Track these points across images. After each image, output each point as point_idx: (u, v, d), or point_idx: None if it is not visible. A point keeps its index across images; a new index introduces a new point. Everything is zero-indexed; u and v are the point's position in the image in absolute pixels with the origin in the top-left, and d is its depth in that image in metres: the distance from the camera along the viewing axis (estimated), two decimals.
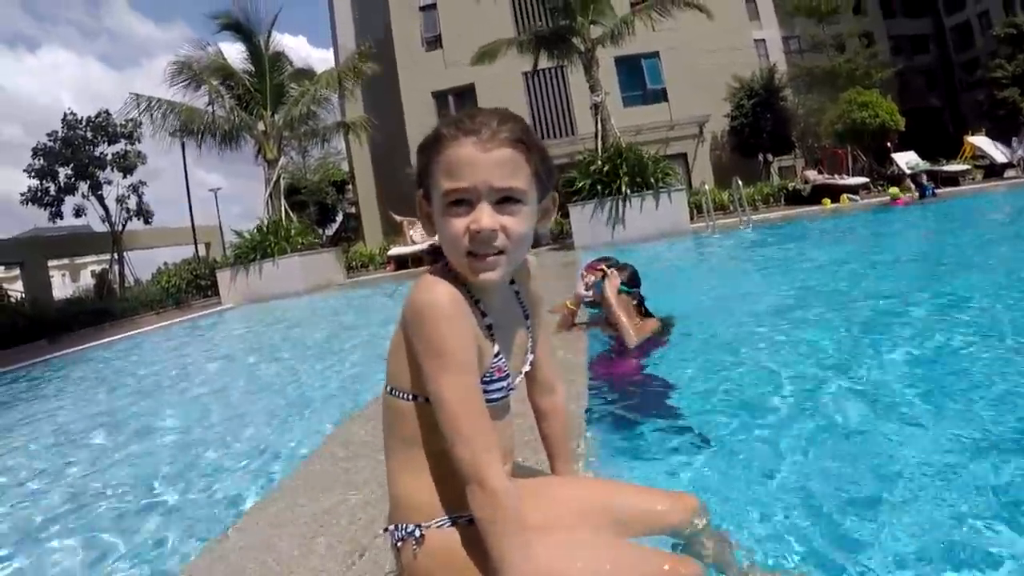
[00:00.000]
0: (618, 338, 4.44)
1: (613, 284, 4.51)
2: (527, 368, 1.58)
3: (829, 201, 18.42)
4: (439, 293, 1.28)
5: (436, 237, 1.37)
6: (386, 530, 1.44)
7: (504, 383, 1.42)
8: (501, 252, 1.30)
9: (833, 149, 26.51)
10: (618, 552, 1.39)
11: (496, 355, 1.40)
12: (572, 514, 1.46)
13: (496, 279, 1.33)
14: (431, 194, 1.35)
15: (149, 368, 9.11)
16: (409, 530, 1.37)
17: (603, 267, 4.81)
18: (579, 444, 2.62)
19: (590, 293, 4.68)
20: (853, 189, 19.74)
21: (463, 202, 1.28)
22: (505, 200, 1.29)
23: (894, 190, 16.71)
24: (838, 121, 28.17)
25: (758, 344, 4.40)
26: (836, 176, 21.63)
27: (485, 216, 1.26)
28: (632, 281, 4.63)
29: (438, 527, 1.36)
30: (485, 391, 1.34)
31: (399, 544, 1.39)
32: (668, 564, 1.40)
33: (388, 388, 1.41)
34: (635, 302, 4.61)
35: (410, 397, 1.36)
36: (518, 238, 1.31)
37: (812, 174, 21.61)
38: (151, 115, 19.13)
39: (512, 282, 1.54)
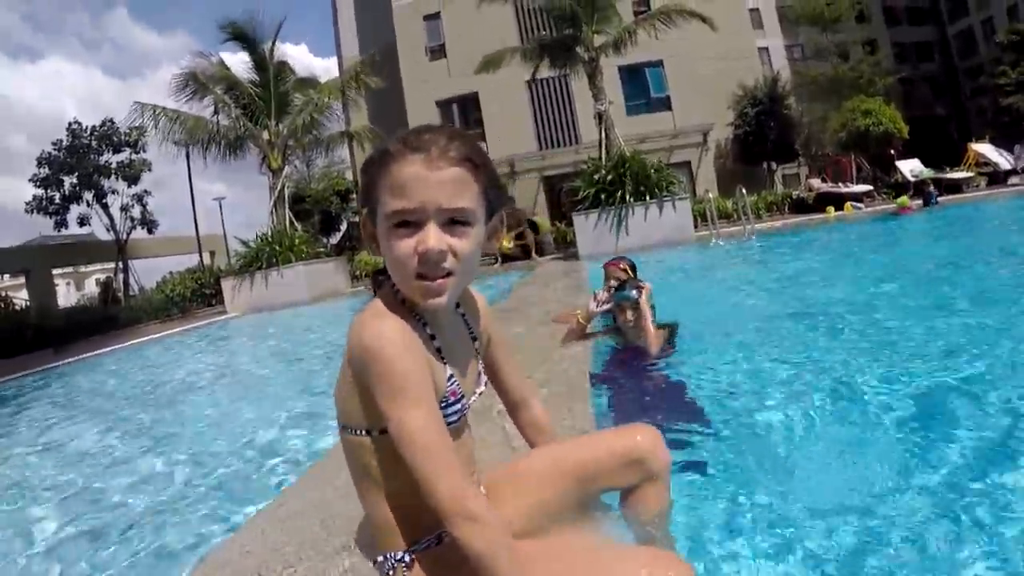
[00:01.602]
0: (628, 347, 4.47)
1: (647, 291, 4.55)
2: (480, 389, 1.55)
3: (833, 209, 18.36)
4: (386, 328, 1.25)
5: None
6: (375, 562, 1.43)
7: (459, 405, 1.39)
8: (450, 274, 1.28)
9: (837, 157, 26.54)
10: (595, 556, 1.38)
11: (449, 378, 1.38)
12: (540, 487, 1.52)
13: (444, 303, 1.31)
14: (376, 213, 1.31)
15: (154, 377, 9.10)
16: (398, 557, 1.37)
17: (629, 270, 4.83)
18: None
19: (606, 307, 4.68)
20: (857, 197, 19.69)
21: (409, 223, 1.25)
22: (453, 221, 1.26)
23: (903, 199, 16.63)
24: (842, 129, 28.25)
25: (760, 353, 4.40)
26: (840, 184, 21.61)
27: (432, 237, 1.23)
28: (633, 271, 4.66)
29: (424, 549, 1.38)
30: (443, 415, 1.31)
31: (390, 573, 1.39)
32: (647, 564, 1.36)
33: (341, 426, 1.39)
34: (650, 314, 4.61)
35: (364, 432, 1.34)
36: (466, 259, 1.29)
37: (816, 182, 21.59)
38: (156, 124, 19.16)
39: (457, 306, 1.51)
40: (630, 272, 5.12)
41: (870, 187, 21.70)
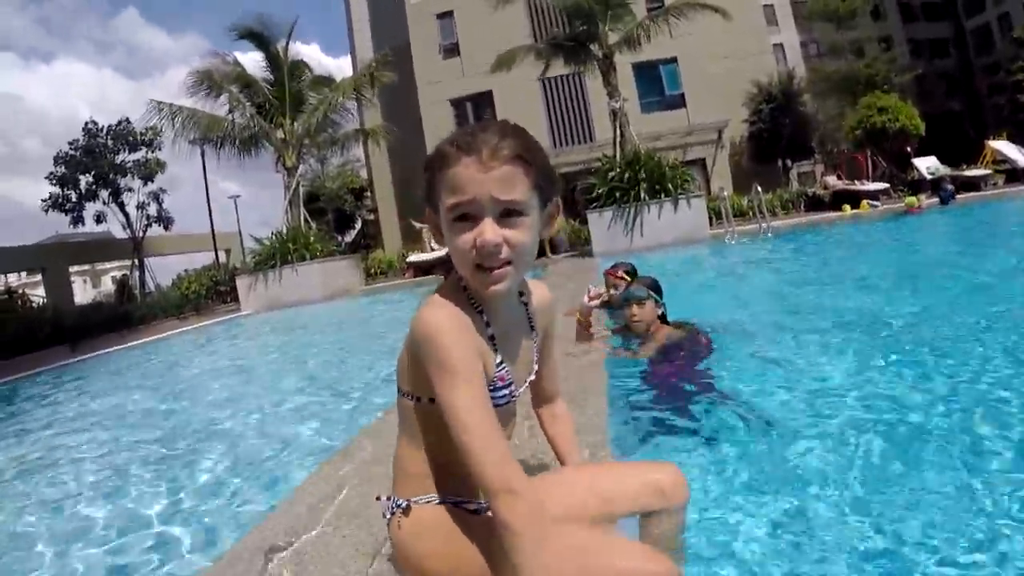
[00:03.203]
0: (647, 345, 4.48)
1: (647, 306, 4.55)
2: (532, 378, 1.69)
3: (849, 207, 18.25)
4: (441, 315, 1.39)
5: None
6: (379, 498, 1.59)
7: (507, 390, 1.52)
8: (508, 263, 1.38)
9: (853, 154, 26.32)
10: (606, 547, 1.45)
11: (499, 364, 1.51)
12: (562, 504, 1.52)
13: (504, 290, 1.41)
14: (439, 209, 1.42)
15: (171, 373, 9.21)
16: (399, 502, 1.53)
17: (627, 276, 4.81)
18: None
19: (596, 303, 4.66)
20: (873, 195, 19.57)
21: (467, 216, 1.36)
22: (508, 213, 1.36)
23: (911, 199, 16.49)
24: (857, 126, 28.01)
25: (778, 353, 4.39)
26: (856, 182, 21.49)
27: (488, 230, 1.34)
28: (656, 290, 4.63)
29: (426, 503, 1.52)
30: (491, 398, 1.42)
31: (388, 513, 1.55)
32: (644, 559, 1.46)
33: (398, 389, 1.57)
34: (660, 311, 4.61)
35: (413, 398, 1.52)
36: (522, 249, 1.39)
37: (832, 180, 21.48)
38: (171, 122, 19.26)
39: (521, 294, 1.65)
40: (627, 278, 5.09)
41: (886, 185, 21.55)
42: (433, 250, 20.27)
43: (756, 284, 8.77)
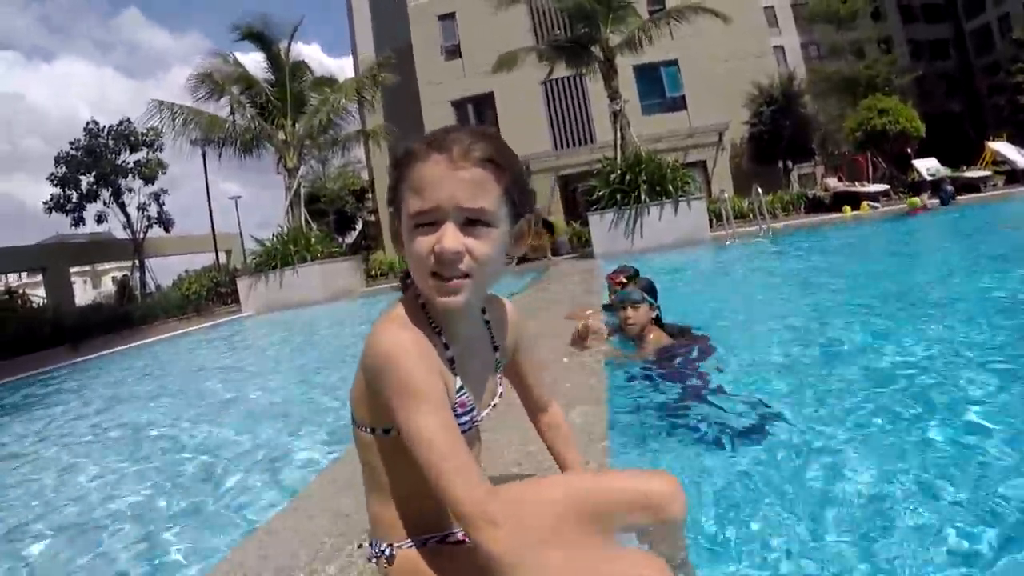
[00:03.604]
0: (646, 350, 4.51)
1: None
2: (495, 400, 1.54)
3: (850, 208, 18.29)
4: (399, 336, 1.26)
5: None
6: (360, 546, 1.54)
7: (468, 417, 1.39)
8: (466, 276, 1.25)
9: (853, 156, 26.42)
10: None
11: (459, 389, 1.37)
12: (554, 514, 1.48)
13: (459, 304, 1.28)
14: (400, 212, 1.30)
15: (167, 374, 9.28)
16: (382, 548, 1.41)
17: (625, 280, 4.83)
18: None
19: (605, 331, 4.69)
20: (874, 196, 19.61)
21: (429, 223, 1.24)
22: (473, 222, 1.24)
23: (914, 199, 16.51)
24: (858, 128, 28.04)
25: (777, 355, 4.43)
26: (856, 183, 21.55)
27: (449, 237, 1.22)
28: (652, 292, 4.65)
29: (408, 547, 1.40)
30: None
31: (374, 560, 1.44)
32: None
33: (353, 420, 1.42)
34: (655, 314, 4.63)
35: (369, 430, 1.37)
36: (485, 261, 1.26)
37: (832, 181, 21.55)
38: (172, 122, 19.28)
39: (484, 311, 1.52)
40: (624, 281, 5.09)
41: (887, 186, 21.61)
42: None
43: (755, 286, 8.81)
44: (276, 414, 5.26)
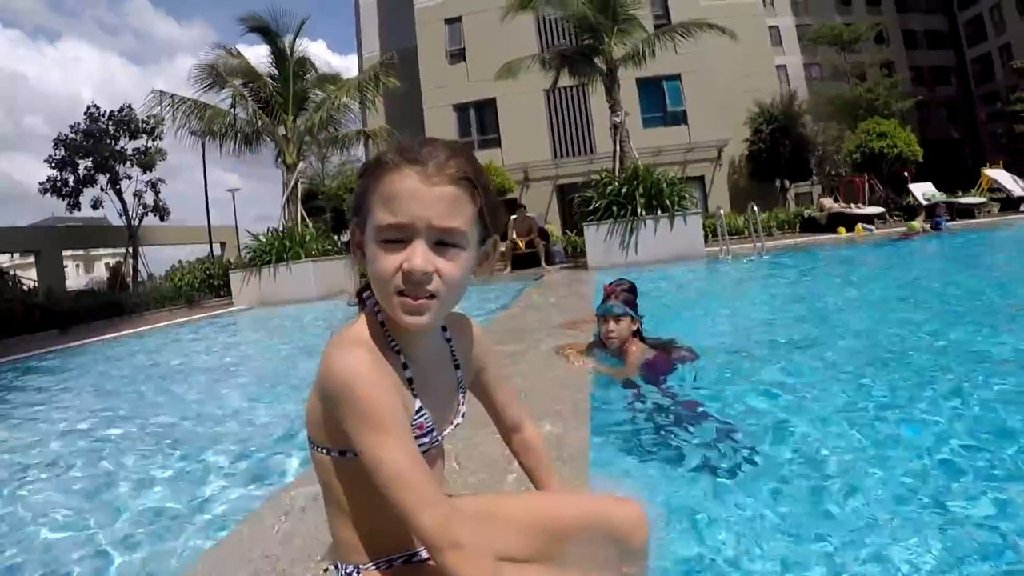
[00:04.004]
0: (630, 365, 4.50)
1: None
2: (458, 420, 1.51)
3: (844, 230, 18.37)
4: (356, 359, 1.21)
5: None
6: (326, 570, 1.49)
7: (427, 438, 1.36)
8: (433, 296, 1.22)
9: (850, 178, 26.46)
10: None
11: (418, 411, 1.34)
12: (507, 533, 1.48)
13: (424, 324, 1.25)
14: (365, 223, 1.27)
15: (153, 365, 9.23)
16: (348, 571, 1.37)
17: (617, 292, 4.82)
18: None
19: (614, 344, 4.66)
20: (869, 219, 19.67)
21: (398, 240, 1.21)
22: (443, 242, 1.22)
23: (915, 224, 16.50)
24: (856, 149, 28.21)
25: (763, 373, 4.46)
26: (852, 205, 21.59)
27: (419, 256, 1.19)
28: (633, 304, 4.63)
29: (375, 569, 1.36)
30: None
31: None
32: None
33: (309, 440, 1.37)
34: (636, 327, 4.61)
35: (327, 451, 1.32)
36: (453, 283, 1.24)
37: (828, 202, 21.56)
38: (174, 113, 19.23)
39: (444, 329, 1.49)
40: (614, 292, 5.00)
41: (882, 209, 21.68)
42: None
43: (747, 303, 8.80)
44: (245, 417, 5.20)
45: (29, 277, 27.87)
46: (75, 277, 59.13)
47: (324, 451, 1.32)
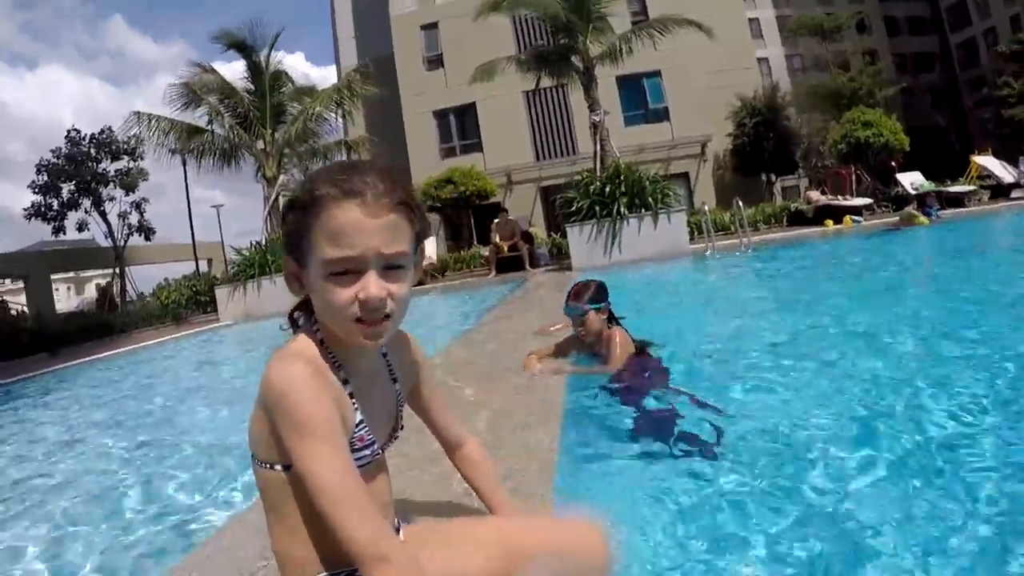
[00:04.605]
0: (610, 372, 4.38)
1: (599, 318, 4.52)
2: (399, 433, 1.56)
3: (832, 222, 18.17)
4: (295, 370, 1.25)
5: (312, 295, 1.35)
6: None
7: (368, 451, 1.39)
8: (388, 316, 1.29)
9: (836, 169, 26.37)
10: None
11: (359, 423, 1.37)
12: (474, 559, 1.44)
13: (382, 342, 1.33)
14: (307, 257, 1.30)
15: (140, 383, 9.39)
16: None
17: (579, 293, 4.68)
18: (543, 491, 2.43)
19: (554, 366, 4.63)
20: (857, 210, 19.48)
21: (348, 272, 1.24)
22: (391, 266, 1.27)
23: (923, 219, 16.01)
24: (841, 140, 28.05)
25: (750, 371, 4.30)
26: (839, 197, 21.44)
27: (373, 285, 1.24)
28: (599, 295, 4.56)
29: None
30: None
31: None
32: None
33: (252, 457, 1.37)
34: (604, 316, 4.56)
35: (270, 466, 1.32)
36: (404, 302, 1.31)
37: (815, 194, 21.37)
38: (152, 133, 19.32)
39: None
40: (576, 294, 4.72)
41: (870, 200, 21.50)
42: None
43: (731, 299, 8.68)
44: (220, 432, 5.10)
45: (18, 302, 27.97)
46: (67, 299, 59.21)
47: (267, 466, 1.32)
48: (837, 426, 3.07)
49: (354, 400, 1.37)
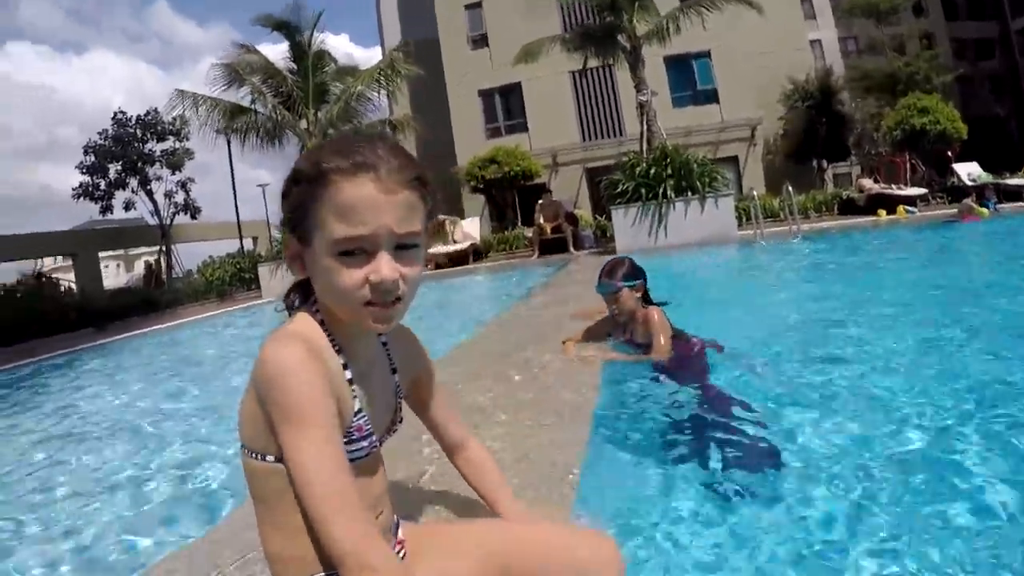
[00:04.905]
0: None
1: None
2: (397, 426, 1.47)
3: (885, 212, 17.61)
4: (291, 352, 1.14)
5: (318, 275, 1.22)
6: None
7: (366, 442, 1.28)
8: (399, 299, 1.20)
9: (890, 157, 25.63)
10: None
11: (357, 412, 1.27)
12: (475, 566, 1.36)
13: (392, 326, 1.25)
14: (311, 235, 1.18)
15: (181, 356, 9.82)
16: None
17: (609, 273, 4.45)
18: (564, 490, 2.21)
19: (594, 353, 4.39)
20: (911, 200, 18.84)
21: (357, 251, 1.15)
22: (403, 246, 1.18)
23: (984, 211, 15.30)
24: (896, 127, 27.20)
25: (798, 368, 4.00)
26: (893, 186, 20.79)
27: (386, 267, 1.15)
28: (634, 272, 4.37)
29: None
30: (347, 451, 1.20)
31: None
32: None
33: (242, 447, 1.25)
34: (639, 294, 4.36)
35: (262, 457, 1.21)
36: (415, 282, 1.23)
37: (867, 183, 20.74)
38: (196, 112, 19.61)
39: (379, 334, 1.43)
40: (609, 271, 4.51)
41: (925, 190, 20.79)
42: (455, 243, 20.03)
43: (781, 290, 8.30)
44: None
45: (68, 279, 28.82)
46: (115, 276, 60.66)
47: (258, 457, 1.21)
48: (914, 438, 2.71)
49: (353, 387, 1.27)
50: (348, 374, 1.27)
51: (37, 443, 5.05)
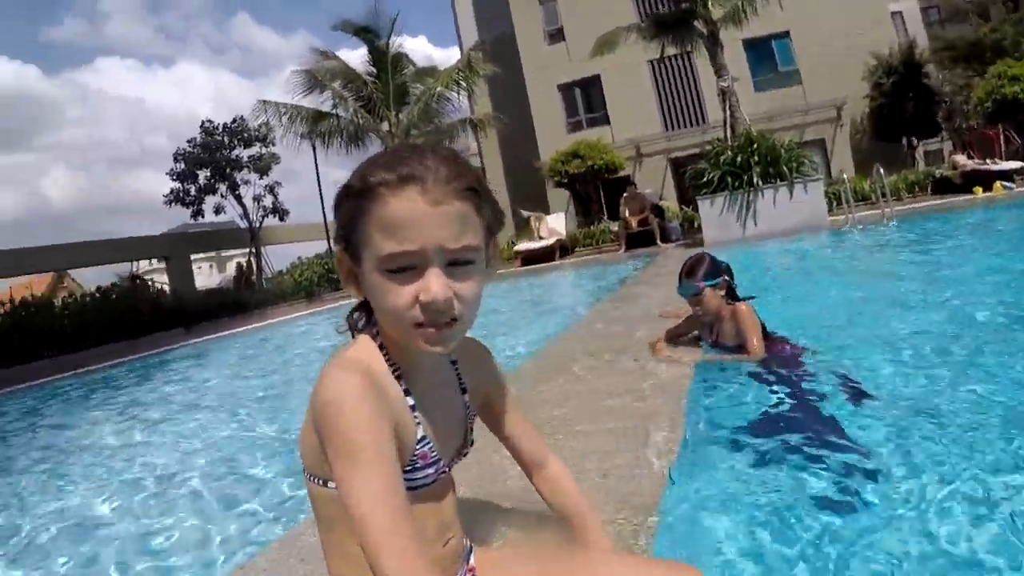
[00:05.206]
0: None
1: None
2: (467, 449, 1.43)
3: (981, 189, 16.95)
4: (347, 382, 1.10)
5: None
6: None
7: (431, 469, 1.24)
8: (454, 320, 1.14)
9: (983, 130, 24.58)
10: None
11: (421, 439, 1.23)
12: None
13: (448, 350, 1.18)
14: (360, 252, 1.15)
15: (267, 356, 10.09)
16: None
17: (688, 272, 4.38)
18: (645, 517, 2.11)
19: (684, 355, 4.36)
20: (1007, 175, 18.09)
21: (407, 267, 1.10)
22: (457, 262, 1.12)
23: None
24: (987, 98, 26.04)
25: (902, 371, 3.64)
26: (988, 160, 19.98)
27: (436, 285, 1.09)
28: (714, 269, 4.24)
29: None
30: (409, 478, 1.18)
31: None
32: None
33: (305, 471, 1.25)
34: (722, 292, 4.24)
35: (324, 483, 1.20)
36: (473, 303, 1.16)
37: (962, 159, 19.93)
38: (280, 119, 20.16)
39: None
40: (688, 271, 4.36)
41: (1021, 163, 19.92)
42: (542, 239, 20.11)
43: (874, 281, 7.71)
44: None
45: (161, 281, 29.92)
46: (208, 277, 62.60)
47: (320, 483, 1.21)
48: None
49: (416, 414, 1.24)
50: (410, 400, 1.23)
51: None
